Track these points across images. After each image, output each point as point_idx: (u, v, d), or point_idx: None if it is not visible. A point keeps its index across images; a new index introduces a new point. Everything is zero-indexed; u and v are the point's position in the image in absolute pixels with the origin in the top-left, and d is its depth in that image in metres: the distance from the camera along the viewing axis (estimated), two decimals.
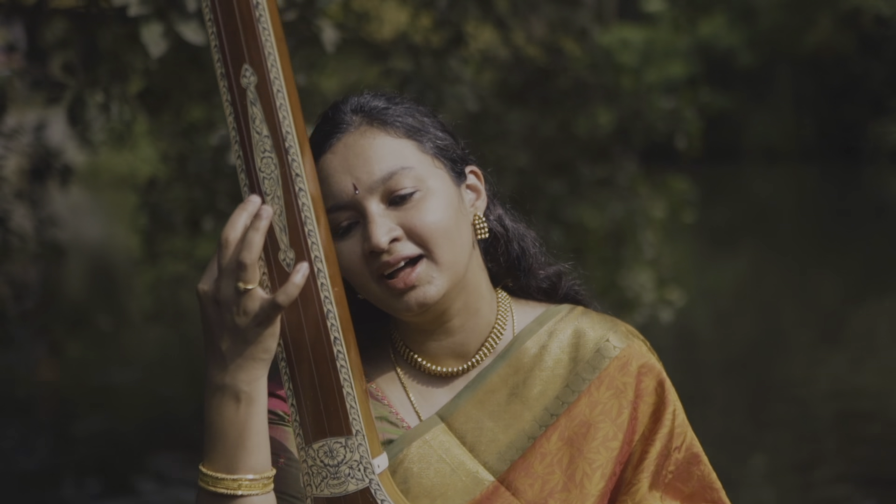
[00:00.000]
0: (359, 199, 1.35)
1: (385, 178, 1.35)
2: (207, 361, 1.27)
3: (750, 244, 12.48)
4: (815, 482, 5.40)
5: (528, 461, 1.40)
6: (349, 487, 1.30)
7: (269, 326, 1.24)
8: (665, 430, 1.42)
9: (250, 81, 1.24)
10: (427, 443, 1.41)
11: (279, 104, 1.24)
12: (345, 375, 1.28)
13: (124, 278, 10.77)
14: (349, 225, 1.36)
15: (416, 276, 1.35)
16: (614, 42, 17.78)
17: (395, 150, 1.37)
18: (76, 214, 13.69)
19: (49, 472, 6.01)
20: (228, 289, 1.23)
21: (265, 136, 1.25)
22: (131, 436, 6.65)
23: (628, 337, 1.46)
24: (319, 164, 1.38)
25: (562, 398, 1.43)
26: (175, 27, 2.76)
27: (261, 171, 1.25)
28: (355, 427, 1.28)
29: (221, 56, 1.25)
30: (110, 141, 6.07)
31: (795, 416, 6.33)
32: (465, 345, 1.44)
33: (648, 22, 19.15)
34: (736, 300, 9.87)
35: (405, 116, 1.40)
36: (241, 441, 1.26)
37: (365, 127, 1.38)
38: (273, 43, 1.24)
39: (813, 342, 8.26)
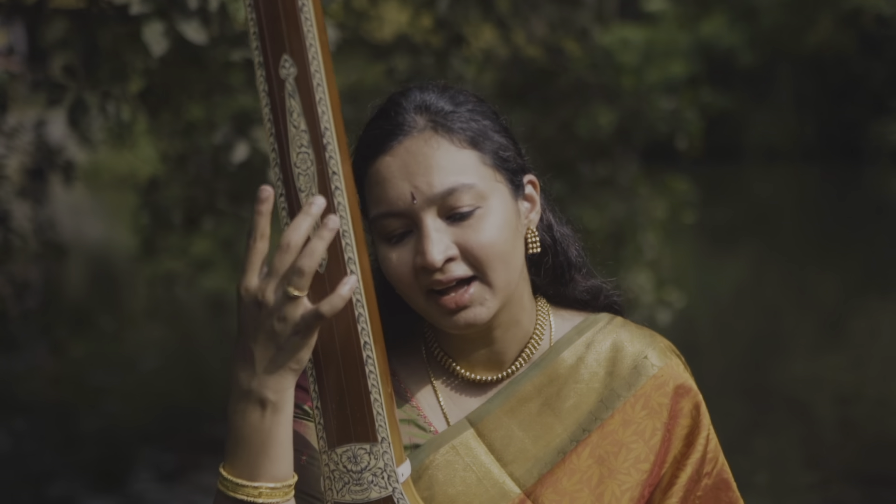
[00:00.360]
0: (416, 210, 1.29)
1: (445, 193, 1.29)
2: (235, 362, 1.22)
3: (750, 244, 12.48)
4: (817, 482, 5.40)
5: (557, 476, 1.37)
6: (371, 495, 1.27)
7: (307, 336, 1.20)
8: (697, 455, 1.39)
9: (290, 73, 1.19)
10: (454, 449, 1.38)
11: (319, 98, 1.19)
12: (373, 381, 1.24)
13: (125, 278, 10.78)
14: (402, 234, 1.31)
15: (468, 298, 1.31)
16: (615, 42, 17.77)
17: (458, 163, 1.30)
18: (77, 214, 13.69)
19: (48, 470, 6.01)
20: (277, 293, 1.18)
21: (303, 131, 1.20)
22: (130, 435, 6.65)
23: (667, 355, 1.43)
24: (375, 163, 1.32)
25: (595, 414, 1.39)
26: (176, 26, 2.76)
27: (296, 167, 1.20)
28: (381, 434, 1.25)
29: (260, 44, 1.19)
30: (110, 140, 6.07)
31: (796, 416, 6.32)
32: (502, 354, 1.40)
33: (649, 21, 19.15)
34: (736, 300, 9.86)
35: (469, 122, 1.33)
36: (264, 449, 1.22)
37: (429, 133, 1.31)
38: (315, 34, 1.18)
39: (813, 342, 8.25)
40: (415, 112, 1.33)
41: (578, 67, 5.51)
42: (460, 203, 1.30)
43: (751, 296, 9.94)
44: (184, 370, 8.00)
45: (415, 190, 1.29)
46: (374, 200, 1.32)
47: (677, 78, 18.97)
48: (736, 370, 7.38)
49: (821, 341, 8.25)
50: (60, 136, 5.74)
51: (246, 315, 1.21)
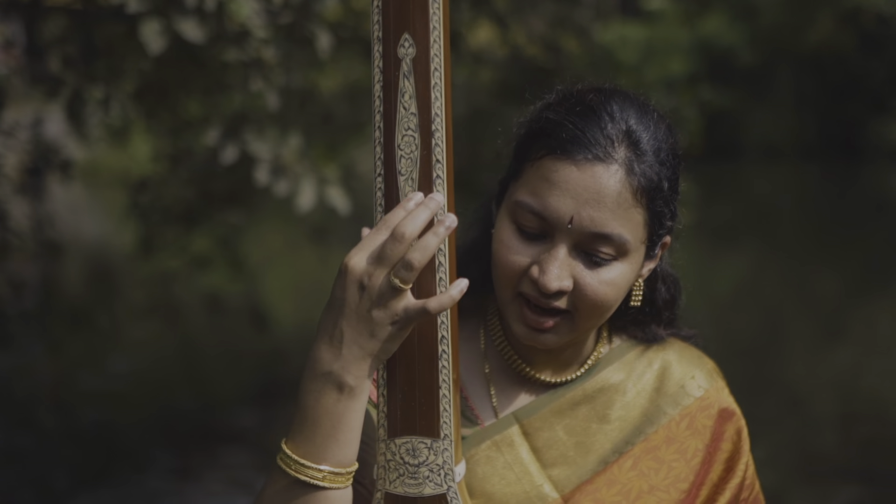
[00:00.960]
0: (564, 231, 1.26)
1: (600, 235, 1.26)
2: (320, 340, 1.19)
3: (750, 242, 12.47)
4: (816, 479, 5.39)
5: (596, 486, 1.35)
6: (425, 490, 1.24)
7: (403, 329, 1.18)
8: (737, 480, 1.39)
9: (408, 53, 1.15)
10: (497, 445, 1.37)
11: (434, 83, 1.16)
12: (444, 377, 1.22)
13: (123, 276, 10.77)
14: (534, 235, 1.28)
15: (549, 326, 1.29)
16: (614, 40, 17.75)
17: (626, 216, 1.26)
18: (75, 212, 13.68)
19: (45, 469, 6.00)
20: (382, 280, 1.15)
21: (412, 114, 1.16)
22: (129, 432, 6.64)
23: (713, 377, 1.43)
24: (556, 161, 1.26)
25: (640, 428, 1.38)
26: (174, 25, 2.75)
27: (400, 149, 1.17)
28: (444, 431, 1.23)
29: (382, 19, 1.16)
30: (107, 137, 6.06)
31: (796, 414, 6.32)
32: (566, 361, 1.40)
33: (649, 19, 19.13)
34: (736, 297, 9.85)
35: (655, 171, 1.28)
36: (334, 433, 1.20)
37: (622, 174, 1.25)
38: (440, 17, 1.15)
39: (813, 339, 8.25)
40: (619, 138, 1.27)
41: (577, 66, 5.50)
42: (604, 250, 1.27)
43: (750, 293, 9.93)
44: (182, 368, 7.99)
45: (577, 216, 1.25)
46: (531, 188, 1.28)
47: (677, 76, 18.96)
48: (735, 367, 7.36)
49: (820, 338, 8.24)
50: (58, 133, 5.73)
51: (347, 294, 1.17)
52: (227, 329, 8.16)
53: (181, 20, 2.74)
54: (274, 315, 8.33)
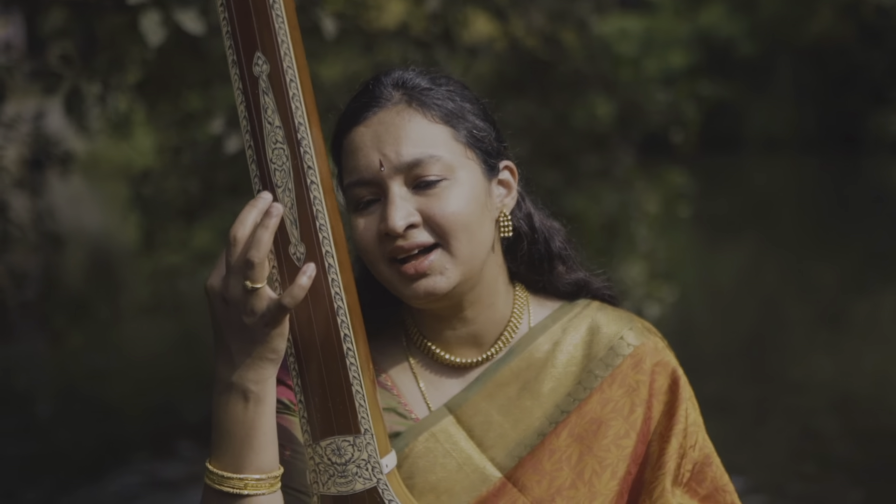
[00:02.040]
0: (383, 177, 1.32)
1: (412, 162, 1.32)
2: (216, 358, 1.24)
3: (749, 234, 12.47)
4: (815, 473, 5.41)
5: (537, 457, 1.38)
6: (356, 486, 1.27)
7: (276, 326, 1.21)
8: (679, 426, 1.40)
9: (262, 70, 1.20)
10: (434, 436, 1.39)
11: (292, 94, 1.20)
12: (354, 373, 1.25)
13: (124, 268, 10.78)
14: (369, 201, 1.33)
15: (428, 265, 1.32)
16: (613, 32, 17.72)
17: (428, 135, 1.33)
18: (76, 204, 13.67)
19: (46, 461, 6.01)
20: (236, 287, 1.20)
21: (277, 127, 1.21)
22: (129, 425, 6.66)
23: (644, 334, 1.44)
24: (350, 135, 1.35)
25: (573, 395, 1.40)
26: (173, 16, 2.75)
27: (272, 163, 1.22)
28: (364, 426, 1.26)
29: (233, 43, 1.21)
30: (108, 130, 6.07)
31: (795, 407, 6.33)
32: (480, 336, 1.42)
33: (649, 10, 19.10)
34: (735, 290, 9.86)
35: (445, 100, 1.36)
36: (248, 440, 1.24)
37: (403, 105, 1.34)
38: (287, 31, 1.20)
39: (813, 333, 8.26)
40: (392, 87, 1.36)
41: (576, 58, 5.50)
42: (427, 172, 1.32)
43: (750, 286, 9.94)
44: (183, 361, 8.01)
45: (383, 158, 1.32)
46: (348, 169, 1.35)
47: (677, 68, 18.94)
48: (735, 360, 7.38)
49: (820, 331, 8.25)
50: (59, 126, 5.73)
51: (216, 312, 1.23)
52: None
53: (181, 12, 2.75)
54: None
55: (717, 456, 1.44)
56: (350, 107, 1.37)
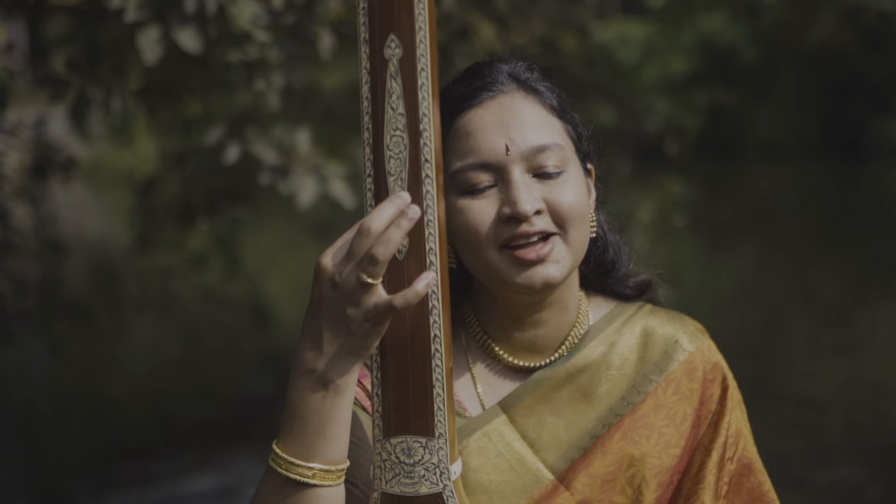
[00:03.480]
0: (507, 162, 1.30)
1: (539, 148, 1.31)
2: (303, 340, 1.21)
3: (752, 240, 12.46)
4: (819, 479, 5.39)
5: (589, 460, 1.37)
6: (421, 489, 1.25)
7: (378, 325, 1.19)
8: (721, 439, 1.40)
9: (394, 53, 1.17)
10: (487, 435, 1.38)
11: (421, 83, 1.17)
12: (437, 375, 1.22)
13: (124, 275, 10.77)
14: (486, 187, 1.31)
15: (548, 252, 1.31)
16: (614, 38, 17.73)
17: (550, 124, 1.34)
18: (77, 211, 13.68)
19: (45, 467, 6.01)
20: (352, 276, 1.17)
21: (399, 114, 1.17)
22: (129, 433, 6.65)
23: (697, 338, 1.44)
24: (465, 116, 1.32)
25: (627, 398, 1.40)
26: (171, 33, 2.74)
27: (388, 149, 1.18)
28: (439, 429, 1.23)
29: (368, 20, 1.17)
30: (110, 136, 6.08)
31: (798, 413, 6.32)
32: (546, 339, 1.41)
33: (651, 17, 19.10)
34: (738, 296, 9.85)
35: (554, 95, 1.38)
36: (322, 430, 1.21)
37: (522, 93, 1.35)
38: (426, 17, 1.16)
39: (815, 339, 8.24)
40: (504, 77, 1.36)
41: (576, 66, 5.49)
42: (550, 162, 1.32)
43: (752, 292, 9.93)
44: (183, 366, 8.00)
45: (510, 142, 1.30)
46: (461, 152, 1.32)
47: (678, 74, 18.94)
48: (737, 367, 7.36)
49: (823, 338, 8.24)
50: (60, 133, 5.73)
51: (321, 292, 1.19)
52: (229, 327, 8.17)
53: (179, 29, 2.73)
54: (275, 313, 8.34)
55: (761, 464, 1.43)
56: (460, 89, 1.34)
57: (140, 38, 2.71)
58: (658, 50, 19.13)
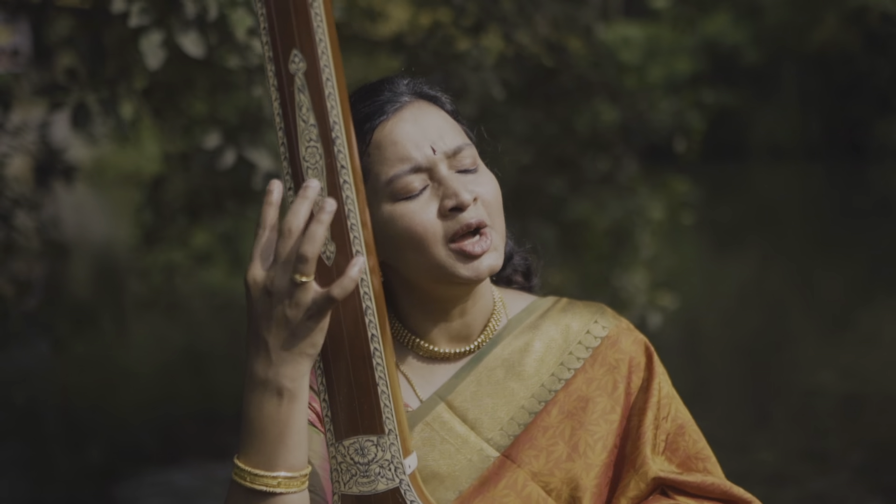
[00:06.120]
0: (436, 161, 1.37)
1: (456, 149, 1.39)
2: (250, 354, 1.23)
3: (755, 242, 12.46)
4: (823, 479, 5.39)
5: (531, 434, 1.44)
6: (378, 486, 1.28)
7: (319, 321, 1.21)
8: (654, 399, 1.47)
9: (299, 67, 1.20)
10: (429, 425, 1.43)
11: (328, 93, 1.20)
12: (380, 373, 1.25)
13: (128, 276, 10.78)
14: (421, 190, 1.37)
15: (489, 243, 1.38)
16: (616, 39, 17.74)
17: (454, 127, 1.43)
18: (81, 212, 13.70)
19: (49, 470, 6.02)
20: (283, 280, 1.19)
21: (311, 125, 1.20)
22: (133, 435, 6.66)
23: (616, 317, 1.54)
24: (384, 129, 1.39)
25: (557, 375, 1.47)
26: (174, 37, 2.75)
27: (305, 161, 1.21)
28: (388, 426, 1.26)
29: (270, 39, 1.20)
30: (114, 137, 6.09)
31: (802, 415, 6.32)
32: (469, 327, 1.47)
33: (654, 18, 19.11)
34: (741, 298, 9.85)
35: (449, 101, 1.47)
36: (281, 438, 1.23)
37: (426, 102, 1.43)
38: (325, 29, 1.19)
39: (819, 341, 8.24)
40: (405, 86, 1.44)
41: (580, 65, 5.49)
42: (467, 160, 1.40)
43: (756, 293, 9.93)
44: (186, 367, 8.01)
45: (432, 143, 1.38)
46: (390, 161, 1.38)
47: (681, 75, 18.94)
48: (741, 368, 7.37)
49: (826, 339, 8.24)
50: (64, 135, 5.74)
51: (256, 305, 1.21)
52: (232, 327, 8.17)
53: (182, 34, 2.74)
54: None
55: (695, 424, 1.50)
56: (366, 107, 1.41)
57: (143, 43, 2.72)
58: (661, 51, 19.15)
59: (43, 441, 6.49)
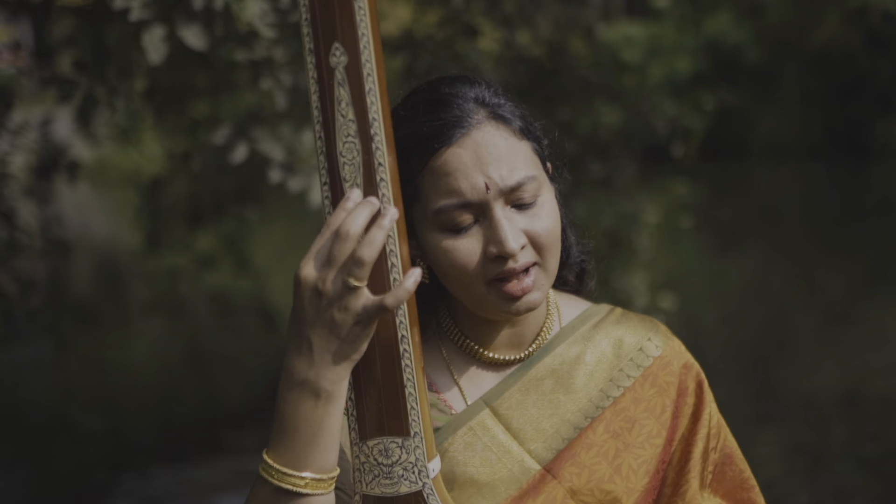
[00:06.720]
0: (489, 199, 1.31)
1: (517, 185, 1.32)
2: (290, 351, 1.21)
3: (757, 241, 12.45)
4: (824, 479, 5.39)
5: (574, 451, 1.40)
6: (401, 489, 1.26)
7: (367, 327, 1.19)
8: (704, 431, 1.44)
9: (340, 61, 1.18)
10: (472, 430, 1.40)
11: (368, 88, 1.18)
12: (408, 375, 1.24)
13: (130, 275, 10.79)
14: (469, 225, 1.32)
15: (531, 284, 1.33)
16: (618, 39, 17.72)
17: (522, 155, 1.34)
18: (83, 211, 13.71)
19: (51, 469, 6.02)
20: (336, 282, 1.17)
21: (350, 120, 1.19)
22: (136, 433, 6.66)
23: (669, 337, 1.49)
24: (442, 155, 1.31)
25: (606, 392, 1.43)
26: (177, 31, 2.74)
27: (342, 156, 1.20)
28: (414, 428, 1.24)
29: (312, 31, 1.19)
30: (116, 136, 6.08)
31: (803, 414, 6.32)
32: (522, 335, 1.43)
33: (656, 18, 19.10)
34: (743, 297, 9.85)
35: (516, 113, 1.37)
36: (314, 439, 1.21)
37: (492, 124, 1.33)
38: (368, 23, 1.18)
39: (821, 339, 8.24)
40: (473, 102, 1.34)
41: (582, 66, 5.49)
42: (527, 194, 1.33)
43: (757, 293, 9.93)
44: (188, 368, 8.01)
45: (489, 180, 1.30)
46: (439, 192, 1.32)
47: (683, 75, 18.92)
48: (743, 367, 7.37)
49: (828, 338, 8.23)
50: (66, 133, 5.74)
51: (305, 304, 1.19)
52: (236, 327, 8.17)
53: (184, 28, 2.73)
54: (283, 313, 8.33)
55: (740, 452, 1.48)
56: (431, 125, 1.33)
57: (145, 38, 2.72)
58: (662, 51, 19.13)
59: (43, 440, 6.49)
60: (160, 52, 2.72)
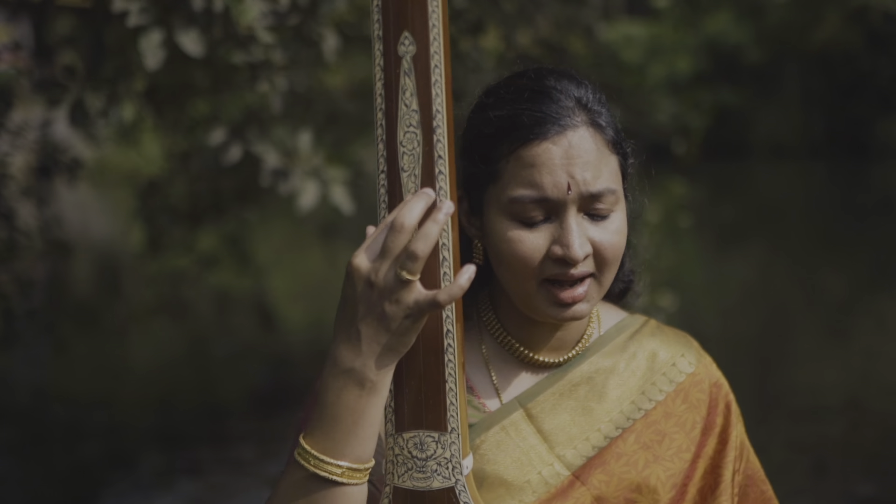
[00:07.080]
0: (567, 200, 1.30)
1: (597, 194, 1.31)
2: (338, 340, 1.21)
3: (757, 241, 12.45)
4: (825, 482, 5.39)
5: (604, 459, 1.40)
6: (433, 484, 1.25)
7: (417, 321, 1.19)
8: (732, 453, 1.46)
9: (408, 50, 1.17)
10: (505, 429, 1.40)
11: (434, 80, 1.17)
12: (450, 370, 1.23)
13: (130, 275, 10.79)
14: (540, 221, 1.32)
15: (582, 294, 1.33)
16: (619, 38, 17.72)
17: (610, 167, 1.34)
18: (83, 211, 13.71)
19: (53, 473, 6.02)
20: (389, 274, 1.16)
21: (413, 111, 1.18)
22: (135, 435, 6.66)
23: (701, 354, 1.51)
24: (532, 146, 1.31)
25: (638, 404, 1.44)
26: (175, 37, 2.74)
27: (402, 146, 1.19)
28: (451, 424, 1.23)
29: (382, 18, 1.18)
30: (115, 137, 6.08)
31: (803, 415, 6.31)
32: (564, 339, 1.43)
33: (656, 17, 19.10)
34: (743, 296, 9.85)
35: (611, 125, 1.37)
36: (355, 429, 1.21)
37: (589, 131, 1.33)
38: (439, 15, 1.17)
39: (821, 339, 8.24)
40: (573, 106, 1.34)
41: (582, 66, 5.49)
42: (605, 205, 1.33)
43: (758, 292, 9.93)
44: (189, 368, 8.01)
45: (572, 181, 1.30)
46: (520, 181, 1.31)
47: (683, 74, 18.93)
48: (743, 368, 7.36)
49: (828, 338, 8.23)
50: (66, 134, 5.74)
51: (356, 294, 1.18)
52: (235, 328, 8.18)
53: (181, 33, 2.73)
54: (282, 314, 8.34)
55: (762, 472, 1.51)
56: (531, 111, 1.33)
57: (142, 43, 2.71)
58: (663, 50, 19.13)
59: (43, 440, 6.49)
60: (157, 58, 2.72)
